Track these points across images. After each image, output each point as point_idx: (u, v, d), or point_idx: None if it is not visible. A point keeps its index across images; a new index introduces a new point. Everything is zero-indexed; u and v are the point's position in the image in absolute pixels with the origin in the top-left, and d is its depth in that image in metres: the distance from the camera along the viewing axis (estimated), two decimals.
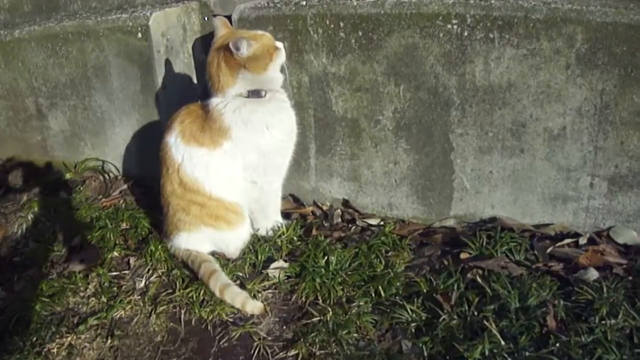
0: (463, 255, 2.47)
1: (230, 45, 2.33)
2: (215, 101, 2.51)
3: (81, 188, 3.56)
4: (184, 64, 3.27)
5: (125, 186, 3.48)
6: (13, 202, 3.62)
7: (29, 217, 3.36)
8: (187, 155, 2.55)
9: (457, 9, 2.42)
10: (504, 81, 2.42)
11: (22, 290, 2.77)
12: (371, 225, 2.82)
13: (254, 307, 2.40)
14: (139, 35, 3.10)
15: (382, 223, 2.84)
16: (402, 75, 2.59)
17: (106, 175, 3.60)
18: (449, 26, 2.44)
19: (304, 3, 2.71)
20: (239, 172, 2.55)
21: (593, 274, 2.26)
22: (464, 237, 2.56)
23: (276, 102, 2.53)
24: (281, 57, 2.47)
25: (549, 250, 2.45)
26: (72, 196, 3.49)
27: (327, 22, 2.65)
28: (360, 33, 2.60)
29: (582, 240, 2.49)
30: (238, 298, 2.41)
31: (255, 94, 2.46)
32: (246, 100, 2.46)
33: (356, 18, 2.59)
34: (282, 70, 2.51)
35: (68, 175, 3.66)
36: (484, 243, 2.49)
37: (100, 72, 3.33)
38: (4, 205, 3.61)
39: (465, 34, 2.42)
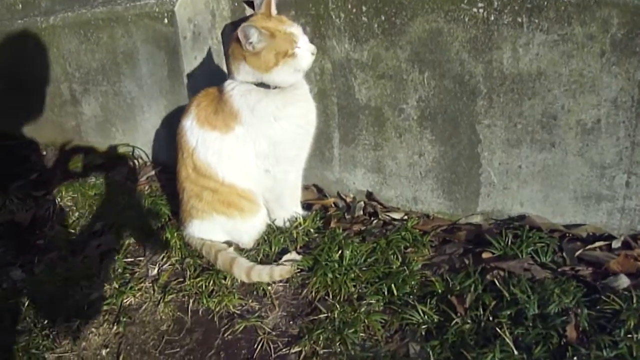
0: (485, 255, 2.35)
1: (239, 33, 2.25)
2: (227, 83, 2.47)
3: (110, 174, 3.57)
4: (213, 50, 3.23)
5: (152, 172, 3.49)
6: (45, 185, 3.66)
7: (57, 201, 3.40)
8: (200, 139, 2.51)
9: None
10: (533, 69, 2.29)
11: (41, 273, 2.81)
12: (394, 220, 2.73)
13: (281, 272, 2.43)
14: (165, 20, 3.08)
15: (405, 217, 2.74)
16: (426, 61, 2.49)
17: (136, 161, 3.60)
18: (475, 10, 2.32)
19: None
20: (251, 159, 2.49)
21: (624, 282, 2.10)
22: (489, 235, 2.44)
23: (287, 94, 2.42)
24: (297, 64, 2.33)
25: (578, 253, 2.31)
26: (101, 181, 3.53)
27: (349, 6, 2.57)
28: (382, 17, 2.51)
29: (616, 244, 2.33)
30: (264, 272, 2.43)
31: (261, 84, 2.38)
32: (253, 87, 2.39)
33: (378, 2, 2.50)
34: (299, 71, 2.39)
35: (98, 161, 3.68)
36: (509, 242, 2.37)
37: (129, 58, 3.33)
38: (36, 188, 3.66)
39: (492, 18, 2.30)
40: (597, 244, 2.34)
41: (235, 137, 2.45)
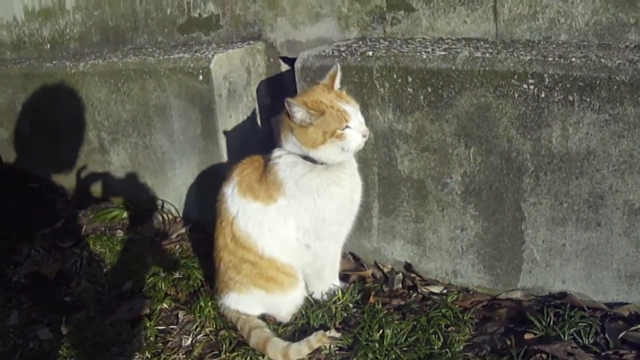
0: (527, 336, 2.34)
1: (286, 104, 2.26)
2: (275, 151, 2.46)
3: (139, 228, 3.58)
4: (247, 108, 3.26)
5: (183, 230, 3.50)
6: (71, 236, 3.68)
7: (84, 255, 3.40)
8: (241, 209, 2.50)
9: (534, 67, 2.31)
10: (582, 148, 2.30)
11: (69, 335, 2.78)
12: (433, 294, 2.73)
13: (317, 339, 2.42)
14: (200, 77, 3.10)
15: (445, 291, 2.74)
16: (472, 137, 2.50)
17: (165, 216, 3.62)
18: (525, 86, 2.33)
19: (371, 54, 2.65)
20: (293, 233, 2.48)
21: None
22: (531, 313, 2.44)
23: (333, 171, 2.39)
24: (345, 144, 2.28)
25: (621, 335, 2.30)
26: (129, 236, 3.53)
27: (394, 75, 2.58)
28: (429, 89, 2.52)
29: None
30: (303, 346, 2.42)
31: (307, 158, 2.39)
32: (299, 159, 2.38)
33: (425, 73, 2.51)
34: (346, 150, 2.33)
35: (126, 213, 3.69)
36: (551, 322, 2.36)
37: (161, 112, 3.37)
38: (62, 238, 3.68)
39: (542, 95, 2.31)
40: None
41: (277, 209, 2.44)
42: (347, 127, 2.27)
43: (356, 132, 2.29)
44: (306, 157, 2.36)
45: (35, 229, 3.81)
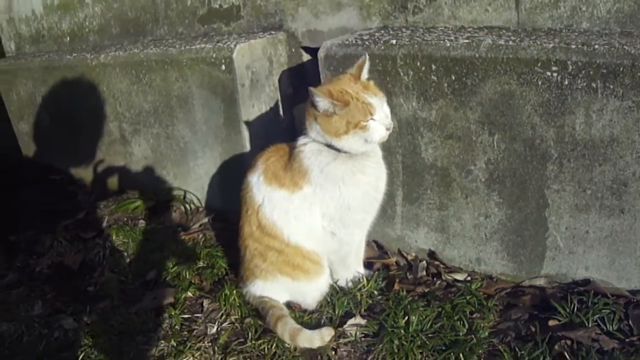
0: (552, 323, 2.37)
1: (310, 93, 2.28)
2: (300, 139, 2.47)
3: (161, 218, 3.62)
4: (269, 98, 3.28)
5: (205, 220, 3.52)
6: (93, 226, 3.71)
7: (107, 245, 3.43)
8: (267, 197, 2.51)
9: (557, 54, 2.32)
10: (605, 135, 2.31)
11: (93, 324, 2.80)
12: (457, 281, 2.75)
13: (329, 335, 2.45)
14: (223, 67, 3.12)
15: (468, 278, 2.77)
16: (496, 124, 2.52)
17: (187, 206, 3.65)
18: (549, 73, 2.34)
19: (394, 42, 2.67)
20: (318, 220, 2.50)
21: None
22: (554, 300, 2.47)
23: (358, 160, 2.41)
24: (368, 136, 2.30)
25: None
26: (152, 226, 3.56)
27: (418, 63, 2.60)
28: (453, 77, 2.54)
29: None
30: (315, 342, 2.44)
31: (331, 146, 2.39)
32: (324, 147, 2.40)
33: (449, 61, 2.53)
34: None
35: (148, 204, 3.72)
36: (575, 309, 2.39)
37: (184, 102, 3.39)
38: (84, 229, 3.71)
39: (566, 82, 2.32)
40: None
41: (303, 197, 2.46)
42: (371, 119, 2.28)
43: (380, 125, 2.30)
44: (330, 146, 2.38)
45: (57, 220, 3.84)
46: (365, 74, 2.39)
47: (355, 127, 2.27)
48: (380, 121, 2.30)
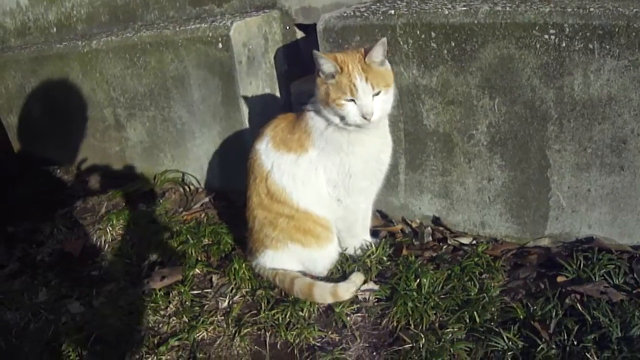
0: (560, 279, 2.44)
1: (314, 55, 2.28)
2: (310, 101, 2.49)
3: (161, 200, 3.65)
4: (266, 75, 3.32)
5: (206, 199, 3.56)
6: (92, 213, 3.74)
7: (108, 230, 3.46)
8: (276, 162, 2.54)
9: (554, 18, 2.38)
10: (603, 94, 2.38)
11: (101, 306, 2.83)
12: (463, 245, 2.82)
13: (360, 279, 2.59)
14: (220, 45, 3.16)
15: (474, 242, 2.83)
16: (497, 88, 2.57)
17: (186, 188, 3.68)
18: (546, 36, 2.41)
19: (393, 12, 2.71)
20: (324, 186, 2.54)
21: None
22: (560, 258, 2.54)
23: (351, 133, 2.40)
24: (344, 115, 2.29)
25: None
26: (152, 208, 3.59)
27: (418, 32, 2.65)
28: (452, 43, 2.59)
29: None
30: (351, 289, 2.55)
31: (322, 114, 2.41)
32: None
33: (448, 28, 2.58)
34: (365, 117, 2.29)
35: (147, 187, 3.75)
36: (581, 265, 2.46)
37: (180, 83, 3.42)
38: (83, 216, 3.74)
39: (563, 44, 2.38)
40: None
41: (309, 161, 2.49)
42: (350, 100, 2.27)
43: (357, 110, 2.28)
44: (319, 112, 2.41)
45: (54, 210, 3.86)
46: (375, 57, 2.32)
47: (333, 102, 2.28)
48: (360, 107, 2.27)
